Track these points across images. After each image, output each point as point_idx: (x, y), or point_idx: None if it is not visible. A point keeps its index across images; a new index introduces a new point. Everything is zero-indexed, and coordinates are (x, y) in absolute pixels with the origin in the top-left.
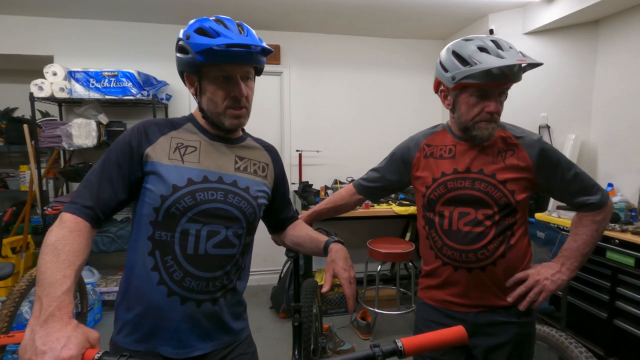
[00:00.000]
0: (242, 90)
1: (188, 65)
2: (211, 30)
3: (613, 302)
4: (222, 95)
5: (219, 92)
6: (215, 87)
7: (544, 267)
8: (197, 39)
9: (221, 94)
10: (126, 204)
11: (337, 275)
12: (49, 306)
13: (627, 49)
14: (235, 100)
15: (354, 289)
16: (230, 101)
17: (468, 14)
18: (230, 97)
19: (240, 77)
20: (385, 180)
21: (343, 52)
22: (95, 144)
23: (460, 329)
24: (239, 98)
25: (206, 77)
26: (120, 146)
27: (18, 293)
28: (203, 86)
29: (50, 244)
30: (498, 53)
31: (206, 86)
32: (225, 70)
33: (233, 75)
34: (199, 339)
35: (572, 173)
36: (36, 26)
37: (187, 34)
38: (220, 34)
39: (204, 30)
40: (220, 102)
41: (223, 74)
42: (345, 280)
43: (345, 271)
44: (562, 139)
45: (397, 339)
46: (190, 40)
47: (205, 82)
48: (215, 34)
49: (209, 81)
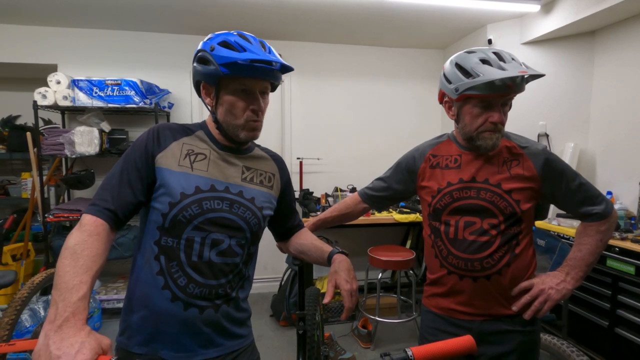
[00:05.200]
0: (260, 104)
1: (208, 76)
2: (236, 45)
3: (614, 310)
4: (241, 107)
5: (238, 105)
6: (234, 100)
7: (549, 276)
8: (222, 52)
9: (240, 106)
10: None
11: (339, 286)
12: (65, 312)
13: (624, 58)
14: (253, 113)
15: (355, 302)
16: (248, 114)
17: (467, 24)
18: (248, 110)
19: (258, 92)
20: (391, 189)
21: (343, 61)
22: (97, 151)
23: (469, 338)
24: (257, 112)
25: (225, 89)
26: (138, 149)
27: (19, 301)
28: (221, 97)
29: (69, 248)
30: (500, 65)
31: (224, 98)
32: (246, 84)
33: (252, 90)
34: (200, 345)
35: (577, 183)
36: (41, 36)
37: (211, 46)
38: (246, 49)
39: (228, 43)
40: (238, 114)
41: (243, 87)
42: (346, 292)
43: (347, 283)
44: (560, 147)
45: (407, 347)
46: (214, 52)
47: (223, 94)
48: (240, 49)
49: (228, 93)
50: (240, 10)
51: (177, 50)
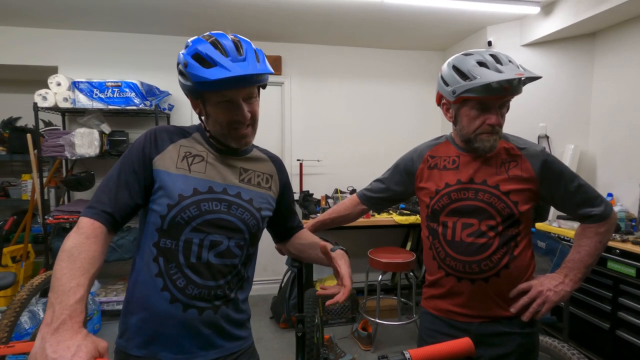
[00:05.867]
0: (244, 114)
1: (189, 91)
2: (208, 58)
3: (615, 312)
4: (226, 119)
5: (221, 117)
6: (217, 112)
7: (547, 278)
8: (194, 69)
9: (223, 118)
10: (141, 208)
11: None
12: (61, 314)
13: (624, 60)
14: (238, 123)
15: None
16: (234, 124)
17: (467, 26)
18: (233, 121)
19: (242, 99)
20: (389, 191)
21: (343, 63)
22: (97, 153)
23: (467, 340)
24: (242, 121)
25: (209, 102)
26: (135, 152)
27: (18, 303)
28: (207, 110)
29: (66, 250)
30: (497, 67)
31: (210, 110)
32: (227, 95)
33: (235, 99)
34: (199, 346)
35: (575, 184)
36: (41, 37)
37: (184, 62)
38: (217, 63)
39: (200, 56)
40: (224, 126)
41: (224, 99)
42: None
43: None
44: (561, 149)
45: (404, 350)
46: (188, 69)
47: (208, 106)
48: (212, 62)
49: (211, 106)
50: (239, 11)
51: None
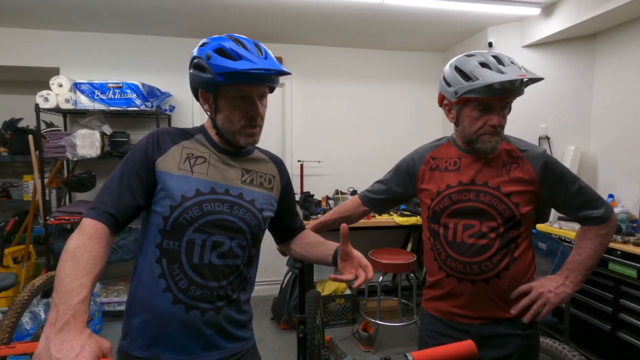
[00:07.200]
0: (259, 110)
1: (206, 84)
2: (232, 52)
3: (616, 314)
4: (240, 114)
5: (236, 112)
6: (232, 106)
7: (548, 279)
8: (219, 61)
9: (238, 113)
10: (144, 210)
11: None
12: (65, 314)
13: (625, 61)
14: (251, 119)
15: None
16: (247, 120)
17: (467, 27)
18: (247, 117)
19: (256, 97)
20: (391, 192)
21: (344, 64)
22: (98, 154)
23: (470, 343)
24: (255, 117)
25: (223, 96)
26: (137, 154)
27: (20, 303)
28: (219, 104)
29: (70, 251)
30: (499, 68)
31: (223, 104)
32: (244, 90)
33: (250, 95)
34: (202, 347)
35: (576, 186)
36: (43, 39)
37: (207, 54)
38: (242, 57)
39: (224, 51)
40: (237, 121)
41: (241, 93)
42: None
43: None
44: (562, 150)
45: (406, 352)
46: (211, 60)
47: (221, 101)
48: (236, 57)
49: (226, 100)
50: (241, 13)
51: (179, 53)
